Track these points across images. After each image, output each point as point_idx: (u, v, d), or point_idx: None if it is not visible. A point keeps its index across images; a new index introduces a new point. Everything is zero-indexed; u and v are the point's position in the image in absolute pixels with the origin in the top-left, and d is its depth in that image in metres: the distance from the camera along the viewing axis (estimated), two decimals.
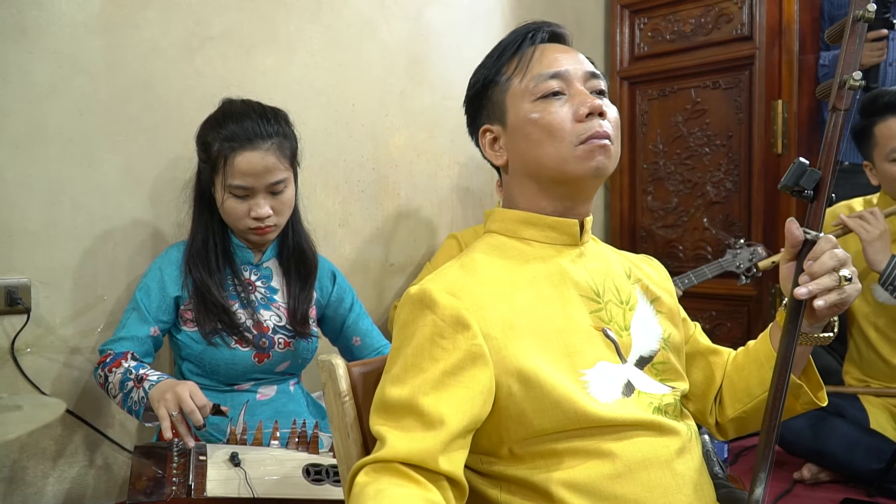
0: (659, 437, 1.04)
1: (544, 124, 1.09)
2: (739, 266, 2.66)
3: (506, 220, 1.16)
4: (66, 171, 1.98)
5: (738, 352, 1.26)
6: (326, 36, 2.52)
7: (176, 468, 1.48)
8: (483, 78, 1.18)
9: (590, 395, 1.02)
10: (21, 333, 1.91)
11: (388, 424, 0.97)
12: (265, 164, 1.75)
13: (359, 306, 2.07)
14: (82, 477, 2.05)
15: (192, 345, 1.81)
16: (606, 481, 0.99)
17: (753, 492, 1.02)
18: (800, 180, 1.03)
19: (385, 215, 2.71)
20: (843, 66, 1.04)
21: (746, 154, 3.06)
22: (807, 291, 1.01)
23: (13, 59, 1.90)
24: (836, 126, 1.04)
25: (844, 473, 2.17)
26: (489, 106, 1.17)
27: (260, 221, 1.78)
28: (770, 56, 2.96)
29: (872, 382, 2.30)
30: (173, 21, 2.16)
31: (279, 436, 1.71)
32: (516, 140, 1.13)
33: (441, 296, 1.01)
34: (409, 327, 1.03)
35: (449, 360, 0.98)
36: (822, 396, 1.17)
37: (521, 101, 1.12)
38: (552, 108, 1.09)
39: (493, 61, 1.17)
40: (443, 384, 0.97)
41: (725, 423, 1.23)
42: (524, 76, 1.12)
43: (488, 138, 1.18)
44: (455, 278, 1.06)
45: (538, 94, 1.10)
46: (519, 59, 1.14)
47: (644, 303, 1.17)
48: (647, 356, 1.13)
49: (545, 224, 1.13)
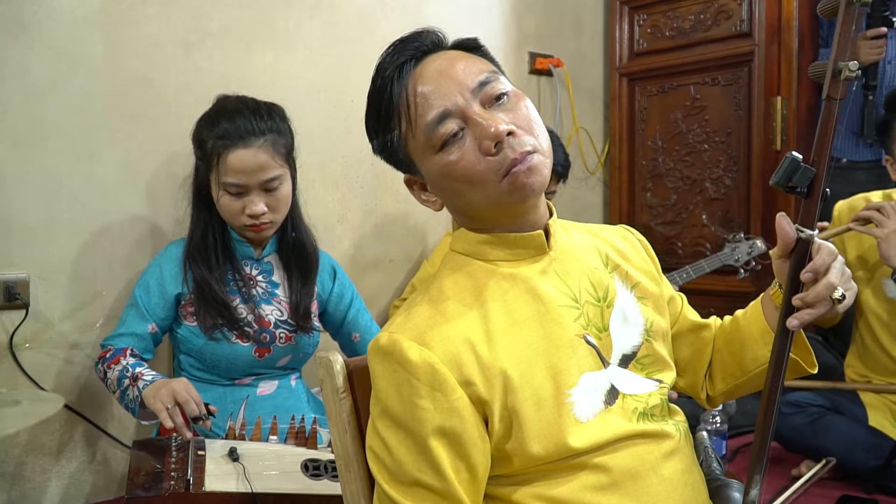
0: (645, 444, 1.02)
1: (458, 175, 1.00)
2: (738, 260, 2.64)
3: (469, 242, 1.08)
4: (65, 167, 1.98)
5: (725, 324, 1.22)
6: (325, 31, 2.52)
7: (174, 463, 1.48)
8: (379, 143, 1.09)
9: (575, 416, 0.98)
10: (20, 329, 1.92)
11: (411, 500, 0.96)
12: (258, 162, 1.74)
13: (359, 301, 2.07)
14: (81, 472, 2.05)
15: (193, 339, 1.81)
16: (592, 494, 0.97)
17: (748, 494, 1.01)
18: (792, 177, 0.97)
19: (384, 211, 2.71)
20: (838, 53, 0.96)
21: (745, 151, 3.06)
22: (798, 324, 0.98)
23: (12, 55, 1.90)
24: (830, 116, 0.97)
25: (843, 470, 2.17)
26: (398, 162, 1.09)
27: (255, 219, 1.77)
28: (769, 53, 2.96)
29: (874, 378, 2.30)
30: (173, 16, 2.16)
31: (278, 431, 1.71)
32: (441, 192, 1.06)
33: (412, 350, 0.95)
34: (381, 381, 0.98)
35: (432, 420, 0.94)
36: (812, 362, 1.13)
37: (424, 156, 1.03)
38: (454, 157, 0.99)
39: (375, 124, 1.08)
40: (439, 452, 0.95)
41: (716, 395, 1.21)
42: (413, 131, 1.02)
43: (417, 187, 1.11)
44: (424, 323, 0.99)
45: (436, 146, 1.00)
46: (398, 111, 1.03)
47: (624, 292, 1.12)
48: (631, 353, 1.08)
49: (512, 242, 1.05)
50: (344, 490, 1.10)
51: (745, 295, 3.01)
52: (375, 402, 1.00)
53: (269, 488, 1.46)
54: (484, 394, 0.95)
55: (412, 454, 0.95)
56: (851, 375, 2.35)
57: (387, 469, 0.98)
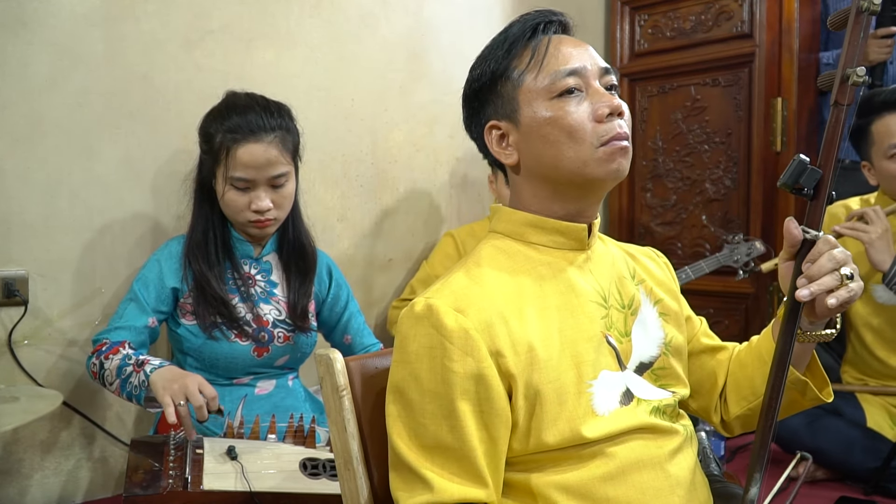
0: (654, 440, 1.04)
1: (564, 125, 1.03)
2: (737, 261, 2.64)
3: (512, 222, 1.11)
4: (64, 164, 1.98)
5: (740, 348, 1.24)
6: (326, 30, 2.52)
7: (173, 461, 1.48)
8: (491, 71, 1.10)
9: (593, 408, 1.01)
10: (18, 325, 1.92)
11: (429, 463, 0.97)
12: (267, 157, 1.75)
13: (353, 304, 2.07)
14: (79, 469, 2.05)
15: (192, 338, 1.81)
16: (599, 483, 0.99)
17: (749, 491, 1.01)
18: (800, 178, 0.99)
19: (384, 210, 2.71)
20: (846, 60, 0.98)
21: (745, 152, 3.06)
22: (808, 293, 0.98)
23: (12, 51, 1.89)
24: (838, 122, 0.99)
25: (841, 472, 2.17)
26: (497, 101, 1.10)
27: (260, 214, 1.78)
28: (770, 54, 2.95)
29: (870, 381, 2.30)
30: (173, 14, 2.16)
31: (276, 430, 1.71)
32: (531, 140, 1.07)
33: (448, 316, 0.97)
34: (412, 343, 0.99)
35: (462, 383, 0.96)
36: (828, 392, 1.14)
37: (537, 99, 1.06)
38: (570, 108, 1.04)
39: (503, 53, 1.09)
40: (465, 415, 0.96)
41: (731, 420, 1.21)
42: (538, 72, 1.06)
43: (495, 135, 1.11)
44: (461, 291, 1.01)
45: (555, 92, 1.04)
46: (532, 53, 1.07)
47: (647, 305, 1.15)
48: (648, 362, 1.11)
49: (553, 228, 1.09)
50: (343, 489, 1.10)
51: (744, 296, 3.02)
52: (403, 365, 1.01)
53: (267, 487, 1.46)
54: (512, 367, 0.98)
55: (436, 418, 0.97)
56: (848, 379, 2.36)
57: (407, 432, 0.99)
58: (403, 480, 0.99)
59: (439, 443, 0.97)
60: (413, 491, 0.97)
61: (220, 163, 1.76)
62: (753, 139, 3.01)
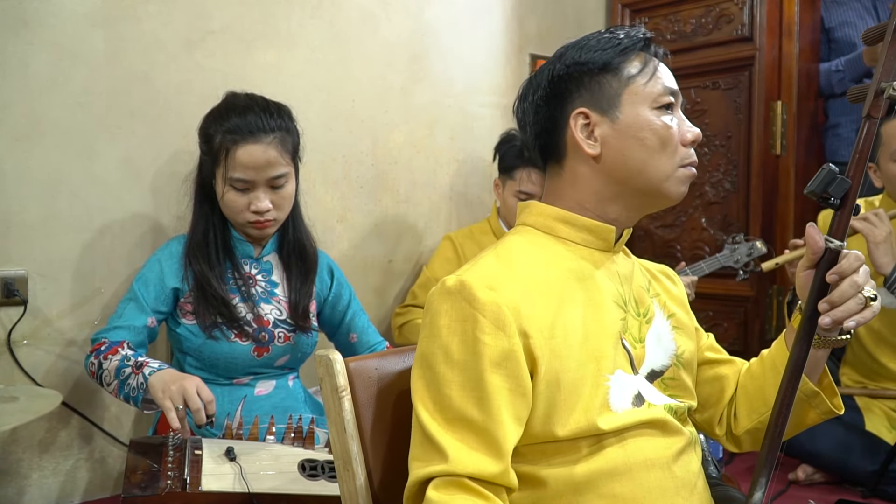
0: (662, 438, 1.05)
1: (663, 135, 1.09)
2: (737, 261, 2.64)
3: (543, 216, 1.13)
4: (65, 164, 1.98)
5: (751, 361, 1.24)
6: (327, 31, 2.52)
7: (171, 462, 1.48)
8: (601, 61, 1.10)
9: (609, 402, 1.02)
10: (18, 325, 1.91)
11: (450, 434, 0.96)
12: (267, 158, 1.75)
13: (356, 303, 2.07)
14: (77, 469, 2.05)
15: (192, 338, 1.80)
16: (606, 479, 1.00)
17: (753, 495, 1.02)
18: (828, 188, 1.00)
19: (384, 211, 2.71)
20: (882, 74, 1.00)
21: (745, 155, 3.06)
22: (830, 321, 1.01)
23: (13, 51, 1.89)
24: (870, 134, 1.01)
25: (839, 475, 2.17)
26: (596, 90, 1.10)
27: (259, 215, 1.78)
28: (770, 57, 2.96)
29: (869, 384, 2.30)
30: (174, 14, 2.16)
31: (275, 431, 1.71)
32: (625, 139, 1.09)
33: (480, 290, 0.98)
34: (443, 318, 1.00)
35: (492, 355, 0.97)
36: (838, 404, 1.15)
37: (642, 103, 1.09)
38: (670, 121, 1.10)
39: (616, 50, 1.11)
40: (492, 387, 0.96)
41: (741, 434, 1.21)
42: (650, 80, 1.10)
43: (581, 122, 1.11)
44: (492, 270, 1.03)
45: (659, 103, 1.10)
46: (645, 61, 1.11)
47: (661, 318, 1.17)
48: (659, 371, 1.12)
49: (583, 225, 1.11)
50: (342, 490, 1.10)
51: (744, 299, 3.02)
52: (432, 339, 1.01)
53: (266, 488, 1.46)
54: (537, 350, 0.99)
55: (464, 390, 0.97)
56: (847, 382, 2.36)
57: (432, 403, 0.99)
58: (423, 450, 0.98)
59: (464, 415, 0.96)
60: (429, 461, 0.96)
61: (220, 163, 1.76)
62: (753, 142, 3.02)
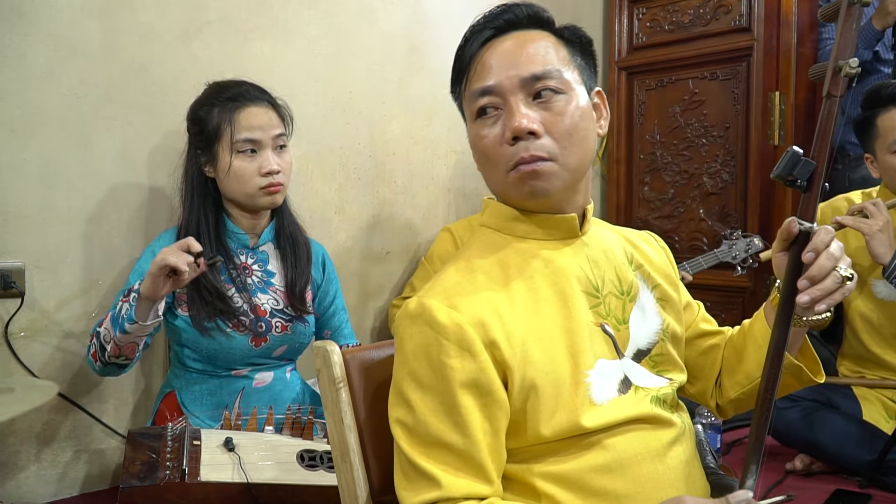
0: (652, 430, 1.04)
1: (479, 150, 1.06)
2: (735, 257, 2.65)
3: (500, 217, 1.11)
4: (61, 155, 1.97)
5: (733, 332, 1.24)
6: (324, 22, 2.51)
7: (170, 452, 1.48)
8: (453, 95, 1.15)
9: (591, 398, 1.00)
10: (15, 317, 1.91)
11: (433, 460, 0.96)
12: (269, 118, 1.83)
13: (340, 300, 2.08)
14: (76, 461, 2.05)
15: (189, 329, 1.80)
16: (595, 475, 0.99)
17: (744, 483, 1.01)
18: (793, 170, 0.99)
19: (381, 203, 2.71)
20: (839, 51, 0.99)
21: (743, 145, 3.06)
22: (809, 300, 0.98)
23: (9, 42, 1.89)
24: (831, 113, 1.00)
25: (837, 464, 2.17)
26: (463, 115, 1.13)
27: (271, 176, 1.81)
28: (768, 47, 2.96)
29: (867, 374, 2.31)
30: (171, 5, 2.15)
31: (274, 422, 1.71)
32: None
33: (441, 312, 0.97)
34: (408, 343, 1.00)
35: (460, 378, 0.96)
36: (819, 371, 1.14)
37: (469, 118, 1.08)
38: (483, 131, 1.04)
39: (453, 76, 1.12)
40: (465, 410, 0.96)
41: (725, 404, 1.22)
42: (466, 92, 1.07)
43: None
44: (453, 287, 1.01)
45: (474, 114, 1.05)
46: (466, 72, 1.08)
47: (645, 291, 1.15)
48: (645, 349, 1.11)
49: (541, 221, 1.08)
50: (339, 480, 1.10)
51: (742, 290, 3.03)
52: (401, 366, 1.01)
53: (265, 479, 1.46)
54: (507, 358, 0.98)
55: (438, 414, 0.97)
56: (844, 372, 2.36)
57: (409, 432, 0.99)
58: (408, 479, 0.98)
59: (442, 439, 0.96)
60: (418, 490, 0.96)
61: (223, 135, 1.79)
62: (751, 133, 3.02)
